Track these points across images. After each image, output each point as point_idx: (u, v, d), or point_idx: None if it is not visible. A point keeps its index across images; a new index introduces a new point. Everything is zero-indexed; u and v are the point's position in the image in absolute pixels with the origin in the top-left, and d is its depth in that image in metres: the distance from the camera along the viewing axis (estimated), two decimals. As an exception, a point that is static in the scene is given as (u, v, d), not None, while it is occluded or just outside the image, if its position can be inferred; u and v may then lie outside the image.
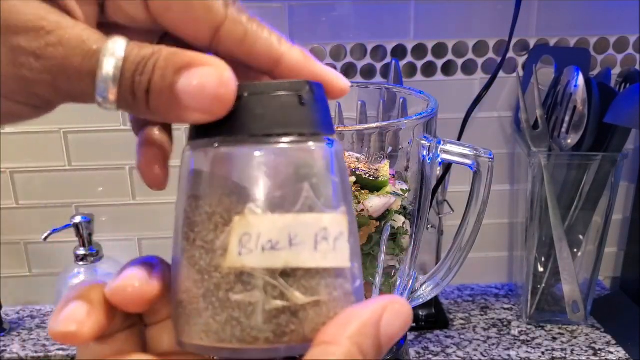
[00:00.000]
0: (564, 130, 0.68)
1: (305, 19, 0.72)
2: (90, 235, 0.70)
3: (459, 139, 0.71)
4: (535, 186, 0.69)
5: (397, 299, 0.21)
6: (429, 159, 0.46)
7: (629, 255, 0.80)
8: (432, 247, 0.75)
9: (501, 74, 0.72)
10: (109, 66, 0.20)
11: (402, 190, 0.45)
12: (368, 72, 0.74)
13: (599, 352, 0.69)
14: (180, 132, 0.35)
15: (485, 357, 0.68)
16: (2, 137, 0.73)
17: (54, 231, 0.63)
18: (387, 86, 0.61)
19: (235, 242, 0.20)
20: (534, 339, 0.71)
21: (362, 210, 0.43)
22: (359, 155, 0.45)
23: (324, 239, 0.21)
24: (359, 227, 0.43)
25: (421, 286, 0.52)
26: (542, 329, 0.73)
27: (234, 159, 0.22)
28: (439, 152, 0.46)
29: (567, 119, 0.67)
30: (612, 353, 0.68)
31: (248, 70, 0.23)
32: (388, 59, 0.73)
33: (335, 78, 0.24)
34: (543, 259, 0.73)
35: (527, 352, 0.69)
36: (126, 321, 0.23)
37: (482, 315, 0.77)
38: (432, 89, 0.56)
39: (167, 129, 0.25)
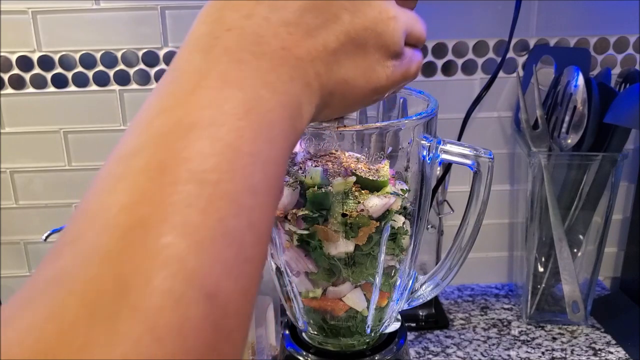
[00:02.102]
0: (564, 130, 0.68)
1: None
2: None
3: (459, 139, 0.71)
4: (535, 186, 0.69)
5: None
6: (429, 159, 0.46)
7: (629, 255, 0.80)
8: (432, 247, 0.75)
9: (501, 74, 0.72)
10: None
11: (402, 190, 0.45)
12: (368, 72, 0.74)
13: (599, 352, 0.69)
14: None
15: (485, 357, 0.68)
16: (2, 137, 0.74)
17: (54, 231, 0.63)
18: (387, 86, 0.60)
19: None
20: (534, 339, 0.72)
21: (362, 210, 0.43)
22: (359, 155, 0.45)
23: None
24: (359, 227, 0.43)
25: (421, 286, 0.52)
26: (542, 329, 0.73)
27: None
28: (439, 152, 0.46)
29: (567, 119, 0.67)
30: (612, 353, 0.68)
31: None
32: (388, 59, 0.73)
33: None
34: (543, 259, 0.73)
35: (527, 352, 0.69)
36: None
37: (482, 315, 0.77)
38: (432, 89, 0.56)
39: None
